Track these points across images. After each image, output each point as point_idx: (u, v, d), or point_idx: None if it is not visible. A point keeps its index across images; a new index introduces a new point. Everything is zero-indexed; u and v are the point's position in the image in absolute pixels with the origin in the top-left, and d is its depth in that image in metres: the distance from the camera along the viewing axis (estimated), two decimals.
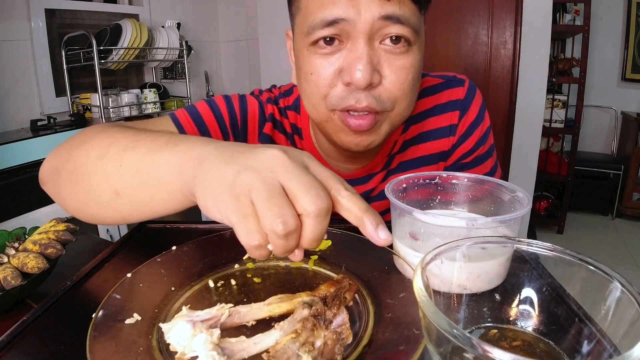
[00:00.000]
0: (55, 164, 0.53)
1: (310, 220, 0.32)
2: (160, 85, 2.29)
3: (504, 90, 2.10)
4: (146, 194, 0.43)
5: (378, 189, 0.69)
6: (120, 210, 0.47)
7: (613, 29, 3.08)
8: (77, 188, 0.49)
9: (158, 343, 0.34)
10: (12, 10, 1.79)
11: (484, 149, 0.69)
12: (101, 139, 0.49)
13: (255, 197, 0.32)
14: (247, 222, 0.32)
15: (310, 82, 0.54)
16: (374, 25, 0.49)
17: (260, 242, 0.32)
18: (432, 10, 2.28)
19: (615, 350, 0.28)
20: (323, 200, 0.32)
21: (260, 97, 0.70)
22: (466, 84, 0.68)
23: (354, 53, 0.50)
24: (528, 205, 0.41)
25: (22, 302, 0.52)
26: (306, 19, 0.52)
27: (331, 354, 0.31)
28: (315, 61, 0.53)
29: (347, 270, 0.45)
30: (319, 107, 0.55)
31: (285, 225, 0.31)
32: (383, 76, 0.52)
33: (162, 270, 0.45)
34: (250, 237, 0.31)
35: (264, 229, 0.31)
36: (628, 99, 3.12)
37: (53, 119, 1.75)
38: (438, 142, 0.68)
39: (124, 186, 0.44)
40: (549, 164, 2.85)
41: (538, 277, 0.36)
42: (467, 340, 0.23)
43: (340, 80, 0.52)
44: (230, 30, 2.83)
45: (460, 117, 0.67)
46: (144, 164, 0.42)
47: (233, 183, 0.33)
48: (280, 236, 0.31)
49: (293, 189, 0.32)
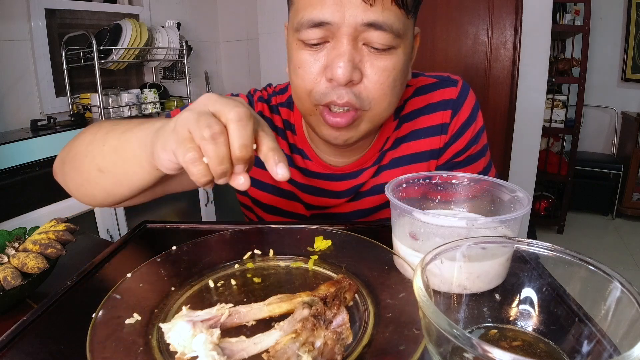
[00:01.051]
0: (62, 156, 0.62)
1: (233, 125, 0.37)
2: (160, 85, 2.29)
3: (504, 90, 2.10)
4: (122, 169, 0.51)
5: (369, 184, 0.70)
6: (105, 186, 0.55)
7: (613, 29, 3.07)
8: (75, 172, 0.58)
9: (158, 343, 0.34)
10: (12, 10, 1.78)
11: (476, 149, 0.70)
12: (94, 129, 0.58)
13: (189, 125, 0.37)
14: (184, 144, 0.37)
15: (298, 76, 0.57)
16: (356, 29, 0.51)
17: (195, 155, 0.36)
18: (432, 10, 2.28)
19: (615, 350, 0.28)
20: (242, 109, 0.37)
21: (253, 96, 0.73)
22: (459, 84, 0.70)
23: (336, 51, 0.53)
24: (528, 205, 0.41)
25: (22, 302, 0.52)
26: (296, 15, 0.54)
27: (331, 354, 0.31)
28: (303, 56, 0.55)
29: (347, 270, 0.45)
30: (305, 102, 0.58)
31: (210, 128, 0.36)
32: (364, 75, 0.54)
33: (162, 270, 0.45)
34: (185, 154, 0.36)
35: (197, 139, 0.36)
36: (628, 99, 3.12)
37: (53, 119, 1.75)
38: (429, 140, 0.69)
39: (106, 163, 0.52)
40: (549, 164, 2.85)
41: (538, 277, 0.36)
42: (467, 340, 0.23)
43: (324, 76, 0.55)
44: (230, 30, 2.83)
45: (452, 117, 0.68)
46: (120, 142, 0.50)
47: (175, 125, 0.39)
48: (208, 140, 0.36)
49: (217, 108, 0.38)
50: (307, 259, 0.47)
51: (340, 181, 0.70)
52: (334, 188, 0.70)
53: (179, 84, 2.52)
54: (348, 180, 0.70)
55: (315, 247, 0.49)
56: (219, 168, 0.37)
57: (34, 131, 1.64)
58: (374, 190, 0.70)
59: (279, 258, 0.48)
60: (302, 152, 0.71)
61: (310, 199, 0.72)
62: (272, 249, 0.49)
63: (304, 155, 0.71)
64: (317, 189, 0.71)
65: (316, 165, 0.70)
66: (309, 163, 0.71)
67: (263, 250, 0.49)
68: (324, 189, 0.71)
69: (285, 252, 0.49)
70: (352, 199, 0.71)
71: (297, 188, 0.71)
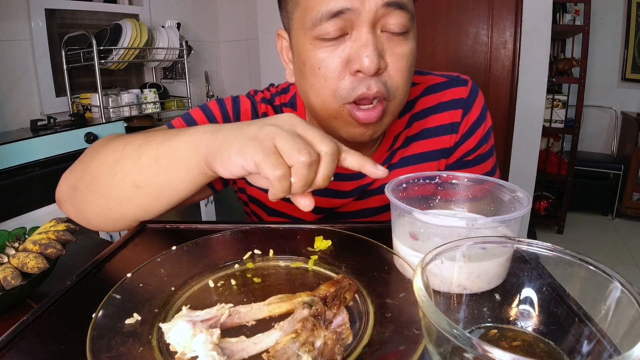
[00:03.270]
0: (72, 182, 0.57)
1: (327, 158, 0.40)
2: (160, 85, 2.29)
3: (504, 90, 2.10)
4: (165, 178, 0.50)
5: (377, 183, 0.69)
6: (141, 202, 0.53)
7: (613, 29, 3.08)
8: (97, 196, 0.54)
9: (158, 343, 0.34)
10: (12, 10, 1.78)
11: (486, 148, 0.70)
12: (112, 146, 0.54)
13: (279, 141, 0.39)
14: (272, 157, 0.39)
15: (319, 76, 0.54)
16: (377, 12, 0.51)
17: (284, 172, 0.39)
18: (432, 10, 2.27)
19: (615, 350, 0.28)
20: (334, 145, 0.41)
21: (255, 97, 0.72)
22: (469, 83, 0.70)
23: (359, 42, 0.52)
24: (528, 205, 0.41)
25: (22, 302, 0.52)
26: (309, 12, 0.52)
27: (331, 354, 0.31)
28: (322, 55, 0.53)
29: (347, 270, 0.45)
30: (329, 104, 0.56)
31: (309, 156, 0.39)
32: (387, 63, 0.54)
33: (162, 270, 0.45)
34: (275, 168, 0.38)
35: (291, 160, 0.39)
36: (628, 99, 3.12)
37: (53, 119, 1.75)
38: (439, 139, 0.69)
39: (144, 177, 0.51)
40: (549, 164, 2.84)
41: (538, 277, 0.36)
42: (467, 340, 0.23)
43: (347, 71, 0.53)
44: (230, 30, 2.83)
45: (463, 116, 0.68)
46: (161, 151, 0.49)
47: (257, 134, 0.40)
48: (305, 165, 0.39)
49: (310, 136, 0.41)
50: (307, 259, 0.47)
51: (348, 181, 0.69)
52: (341, 188, 0.70)
53: (179, 84, 2.52)
54: (356, 181, 0.69)
55: (315, 247, 0.49)
56: (301, 190, 0.41)
57: (34, 131, 1.64)
58: (382, 189, 0.70)
59: (279, 258, 0.48)
60: None
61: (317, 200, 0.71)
62: (272, 249, 0.49)
63: None
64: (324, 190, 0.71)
65: None
66: None
67: (263, 250, 0.49)
68: (331, 189, 0.70)
69: (285, 252, 0.49)
70: (358, 198, 0.70)
71: None
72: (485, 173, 0.70)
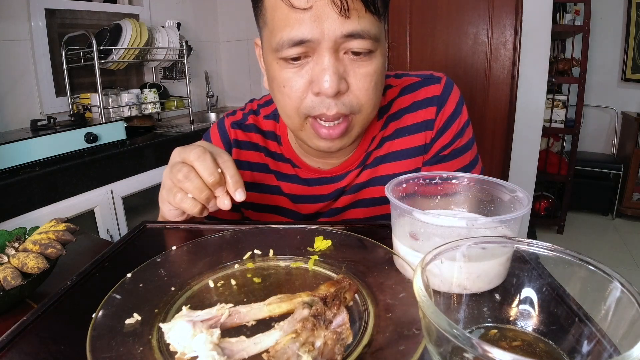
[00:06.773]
0: None
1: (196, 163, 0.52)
2: (160, 85, 2.29)
3: (504, 90, 2.10)
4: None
5: (350, 185, 0.71)
6: None
7: (613, 29, 3.08)
8: None
9: (158, 343, 0.34)
10: (12, 10, 1.79)
11: (461, 142, 0.71)
12: None
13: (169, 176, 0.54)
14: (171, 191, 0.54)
15: (283, 94, 0.57)
16: (336, 42, 0.52)
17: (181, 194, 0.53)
18: (432, 10, 2.28)
19: (615, 350, 0.28)
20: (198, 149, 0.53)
21: (225, 123, 0.75)
22: (443, 80, 0.71)
23: (320, 65, 0.53)
24: (528, 205, 0.41)
25: (22, 302, 0.52)
26: (273, 36, 0.54)
27: (331, 354, 0.31)
28: (287, 74, 0.56)
29: (347, 270, 0.45)
30: (293, 118, 0.59)
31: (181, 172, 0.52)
32: (349, 84, 0.55)
33: (162, 270, 0.45)
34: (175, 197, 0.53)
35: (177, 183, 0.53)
36: (628, 99, 3.12)
37: (53, 119, 1.75)
38: (413, 137, 0.70)
39: None
40: (549, 164, 2.84)
41: (538, 277, 0.36)
42: (467, 340, 0.23)
43: (310, 90, 0.55)
44: (230, 30, 2.83)
45: (437, 112, 0.69)
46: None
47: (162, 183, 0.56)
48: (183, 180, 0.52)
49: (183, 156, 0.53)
50: (307, 259, 0.47)
51: (328, 184, 0.71)
52: (322, 192, 0.72)
53: (179, 84, 2.52)
54: (334, 184, 0.71)
55: (315, 247, 0.49)
56: (202, 196, 0.52)
57: (34, 131, 1.64)
58: (352, 189, 0.71)
59: (279, 258, 0.48)
60: (290, 161, 0.72)
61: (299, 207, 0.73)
62: (272, 249, 0.49)
63: (293, 164, 0.72)
64: (308, 197, 0.72)
65: (305, 172, 0.71)
66: (299, 171, 0.72)
67: (263, 250, 0.49)
68: (310, 195, 0.72)
69: (285, 252, 0.49)
70: (334, 200, 0.73)
71: (291, 200, 0.73)
72: (462, 167, 0.70)
